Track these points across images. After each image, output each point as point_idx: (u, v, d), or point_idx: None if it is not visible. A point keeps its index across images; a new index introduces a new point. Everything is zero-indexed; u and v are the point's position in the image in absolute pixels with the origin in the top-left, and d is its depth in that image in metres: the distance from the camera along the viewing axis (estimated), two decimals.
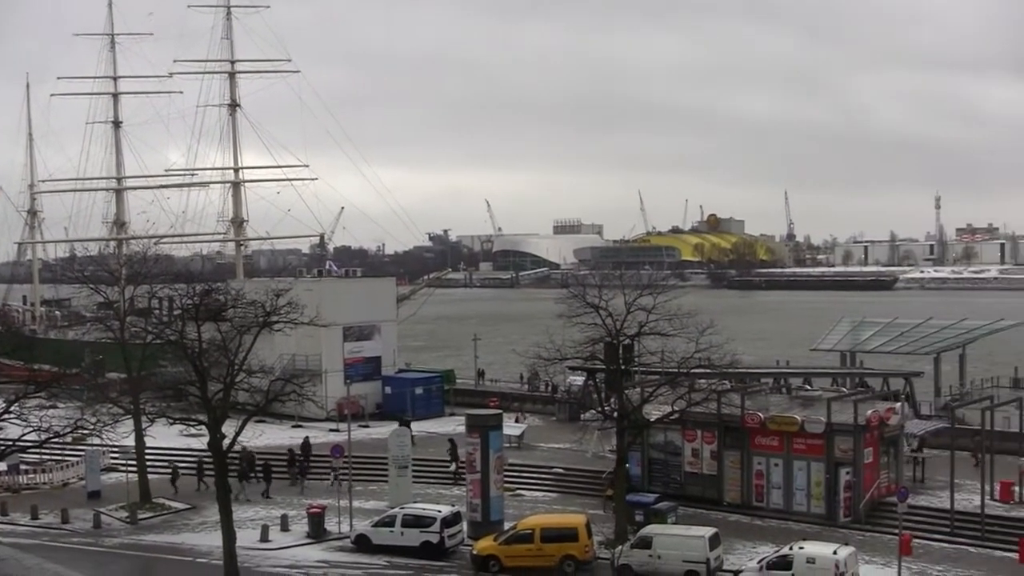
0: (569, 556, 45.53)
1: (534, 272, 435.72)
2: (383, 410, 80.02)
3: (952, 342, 77.31)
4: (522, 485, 60.43)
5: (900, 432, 55.70)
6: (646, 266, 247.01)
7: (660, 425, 55.08)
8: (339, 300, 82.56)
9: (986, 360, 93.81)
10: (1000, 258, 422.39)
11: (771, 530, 50.93)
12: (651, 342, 54.14)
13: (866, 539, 48.89)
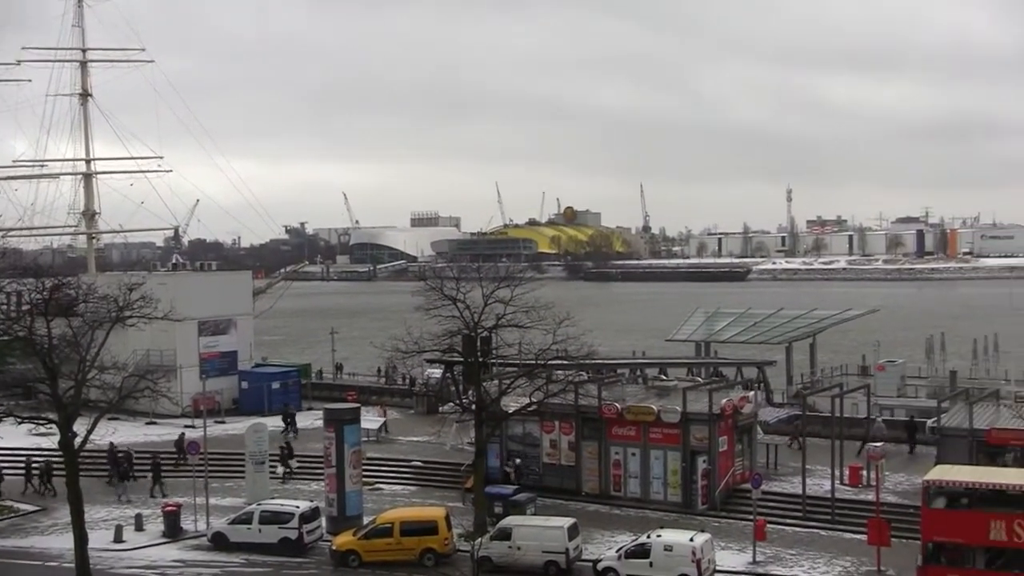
0: (429, 549, 45.46)
1: (392, 265, 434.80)
2: (240, 406, 78.98)
3: (803, 331, 79.02)
4: (381, 479, 60.12)
5: (754, 420, 56.82)
6: (503, 258, 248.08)
7: (518, 417, 55.27)
8: (194, 294, 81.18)
9: (835, 348, 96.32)
10: (848, 249, 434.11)
11: (629, 519, 51.45)
12: (509, 334, 54.38)
13: (722, 525, 49.72)
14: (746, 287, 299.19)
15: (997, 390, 57.12)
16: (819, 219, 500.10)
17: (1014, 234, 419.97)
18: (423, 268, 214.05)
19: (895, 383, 74.38)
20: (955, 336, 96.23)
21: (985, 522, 37.78)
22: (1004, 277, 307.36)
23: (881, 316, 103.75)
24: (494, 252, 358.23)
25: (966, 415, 48.56)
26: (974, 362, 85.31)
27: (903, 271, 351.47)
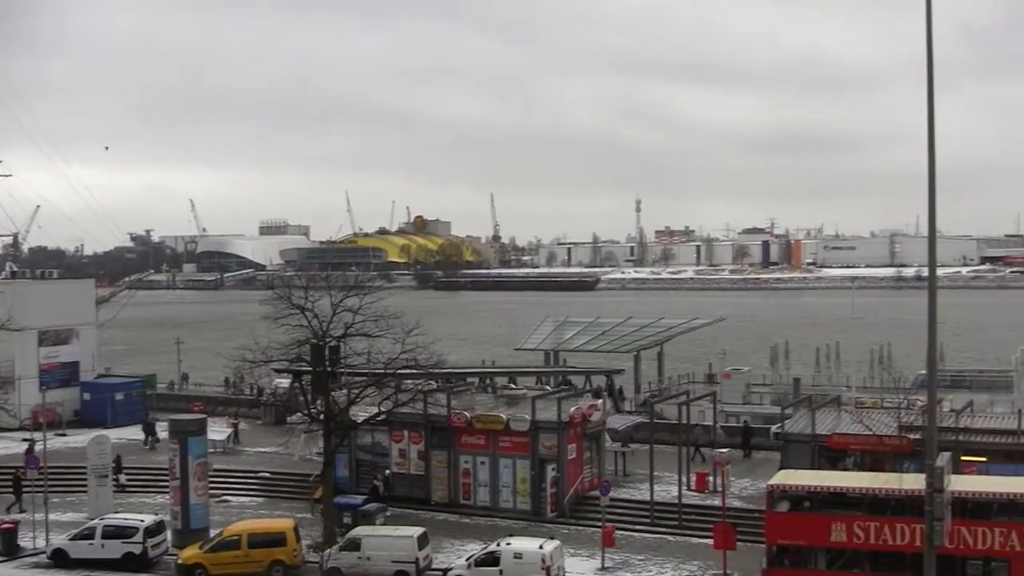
0: (277, 561, 44.78)
1: (239, 274, 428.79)
2: (82, 418, 76.98)
3: (651, 340, 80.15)
4: (229, 491, 59.16)
5: (602, 428, 57.31)
6: (353, 267, 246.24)
7: (367, 426, 54.87)
8: (33, 303, 78.71)
9: (683, 357, 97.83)
10: (696, 259, 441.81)
11: (479, 527, 51.41)
12: (357, 343, 53.90)
13: (571, 532, 49.97)
14: (595, 296, 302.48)
15: (838, 396, 58.56)
16: (667, 229, 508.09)
17: (855, 245, 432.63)
18: (271, 277, 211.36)
19: (740, 390, 75.91)
20: (799, 344, 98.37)
21: (827, 524, 38.67)
22: (846, 287, 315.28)
23: (727, 325, 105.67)
24: (343, 261, 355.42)
25: (808, 421, 49.69)
26: (817, 369, 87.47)
27: (749, 281, 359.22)
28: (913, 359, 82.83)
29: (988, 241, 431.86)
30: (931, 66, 28.01)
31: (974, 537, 36.90)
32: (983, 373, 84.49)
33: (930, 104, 28.18)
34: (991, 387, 75.86)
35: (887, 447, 46.36)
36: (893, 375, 61.46)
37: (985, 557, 37.14)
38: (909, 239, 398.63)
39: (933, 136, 28.29)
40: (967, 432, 47.11)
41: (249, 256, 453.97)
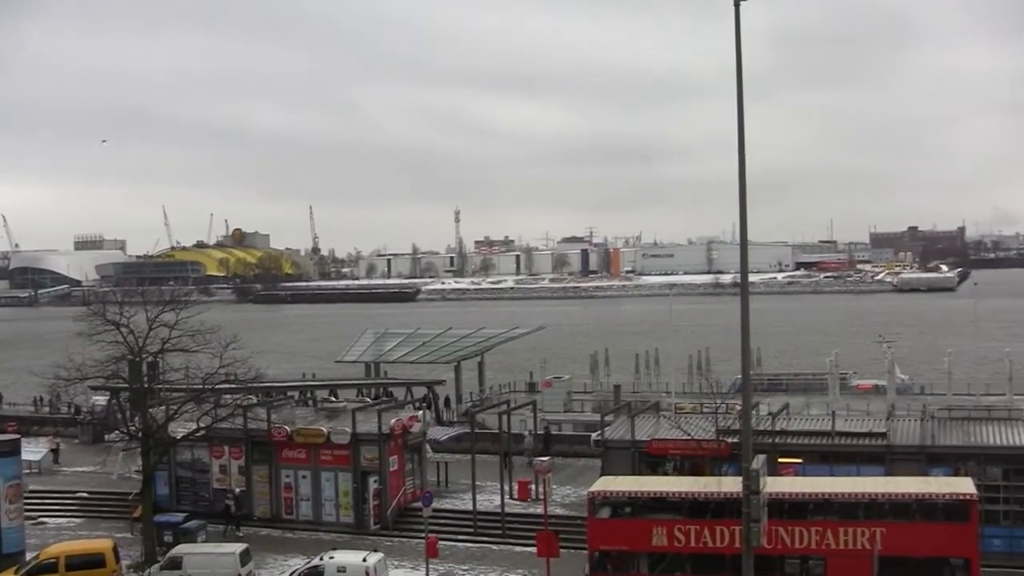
0: None
1: (54, 290, 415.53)
2: None
3: (471, 350, 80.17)
4: (45, 512, 57.18)
5: (423, 439, 57.02)
6: (170, 281, 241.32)
7: (186, 443, 53.63)
8: None
9: (504, 366, 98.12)
10: (516, 269, 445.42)
11: (302, 542, 50.65)
12: (175, 359, 52.84)
13: (395, 544, 49.60)
14: (416, 307, 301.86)
15: (657, 402, 59.35)
16: (487, 240, 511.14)
17: (674, 252, 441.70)
18: (87, 292, 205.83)
19: (562, 398, 76.42)
20: (619, 351, 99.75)
21: (648, 529, 39.11)
22: (664, 294, 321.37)
23: (548, 334, 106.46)
24: (161, 275, 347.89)
25: (628, 427, 50.17)
26: (637, 376, 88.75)
27: (569, 289, 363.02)
28: (731, 364, 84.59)
29: (803, 247, 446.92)
30: (740, 75, 28.47)
31: (792, 537, 37.76)
32: (799, 376, 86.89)
33: (740, 113, 28.64)
34: (807, 390, 78.05)
35: (705, 451, 47.06)
36: (710, 380, 62.49)
37: (803, 556, 38.06)
38: (726, 246, 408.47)
39: (743, 144, 28.76)
40: (783, 435, 48.03)
41: (64, 271, 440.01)
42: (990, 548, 42.11)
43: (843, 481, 40.94)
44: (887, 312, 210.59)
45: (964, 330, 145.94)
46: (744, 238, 30.15)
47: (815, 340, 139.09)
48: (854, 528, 37.63)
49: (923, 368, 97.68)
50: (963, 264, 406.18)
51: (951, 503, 37.90)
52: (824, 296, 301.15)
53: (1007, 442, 45.81)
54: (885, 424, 48.78)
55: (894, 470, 44.60)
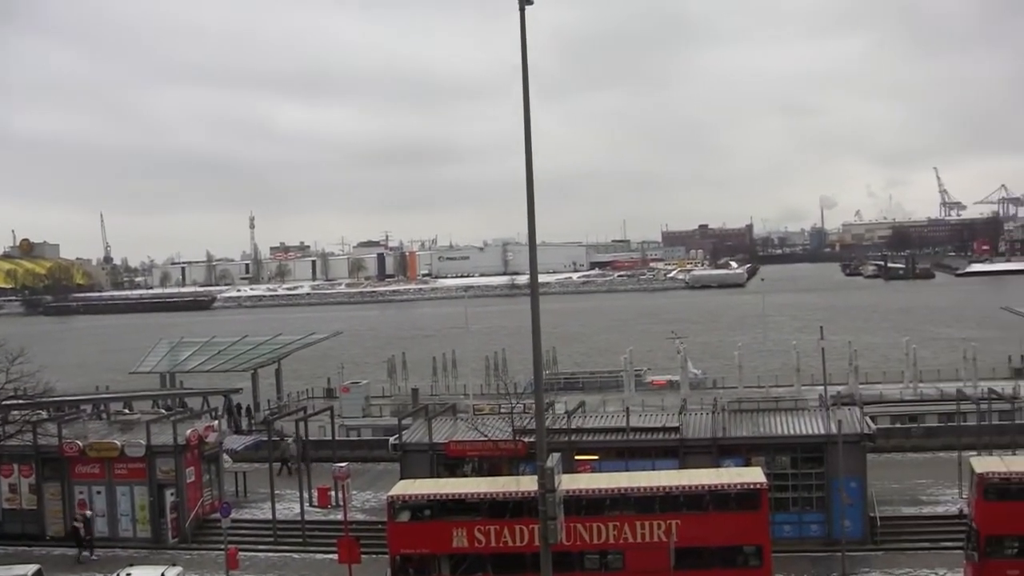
0: None
1: None
2: None
3: (268, 357, 79.12)
4: None
5: (220, 449, 55.97)
6: None
7: None
8: None
9: (301, 373, 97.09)
10: (312, 274, 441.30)
11: (99, 559, 49.06)
12: None
13: (195, 557, 48.46)
14: (211, 316, 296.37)
15: (455, 405, 59.51)
16: (283, 245, 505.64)
17: (469, 255, 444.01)
18: None
19: (360, 403, 76.11)
20: (416, 355, 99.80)
21: (448, 531, 39.11)
22: (460, 296, 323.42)
23: (345, 339, 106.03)
24: None
25: (426, 430, 50.17)
26: (434, 379, 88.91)
27: (366, 294, 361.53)
28: (528, 364, 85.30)
29: (597, 247, 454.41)
30: (526, 77, 28.68)
31: (590, 532, 38.28)
32: (595, 375, 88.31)
33: (526, 115, 28.87)
34: (603, 388, 79.45)
35: (503, 451, 47.41)
36: (507, 381, 63.05)
37: (601, 551, 38.57)
38: (521, 247, 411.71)
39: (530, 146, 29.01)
40: (579, 432, 48.76)
41: None
42: (781, 534, 43.55)
43: (639, 475, 41.59)
44: (680, 309, 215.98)
45: (753, 325, 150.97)
46: (532, 239, 30.38)
47: (610, 338, 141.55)
48: (650, 521, 38.31)
49: (715, 362, 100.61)
50: (752, 260, 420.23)
51: (742, 493, 38.87)
52: (618, 295, 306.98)
53: (795, 432, 47.38)
54: (678, 418, 49.87)
55: (688, 463, 45.62)
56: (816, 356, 60.36)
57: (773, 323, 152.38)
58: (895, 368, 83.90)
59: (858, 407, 51.82)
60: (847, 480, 44.67)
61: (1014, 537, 37.39)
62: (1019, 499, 37.63)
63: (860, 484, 45.73)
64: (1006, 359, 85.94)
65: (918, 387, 74.72)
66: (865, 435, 46.45)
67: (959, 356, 77.36)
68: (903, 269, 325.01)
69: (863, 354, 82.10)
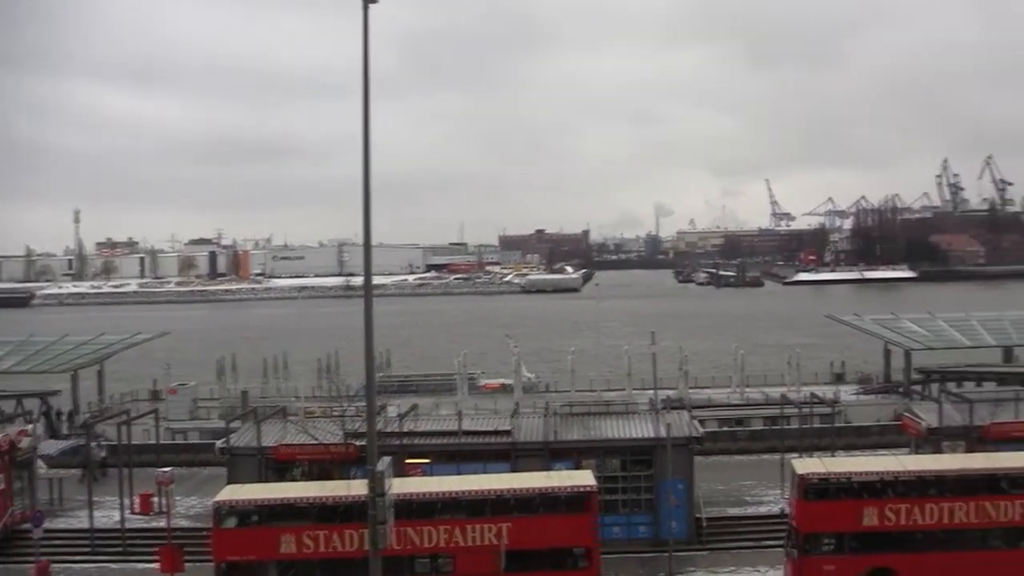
0: None
1: None
2: None
3: (90, 358, 76.65)
4: None
5: (34, 454, 53.72)
6: None
7: None
8: None
9: (126, 374, 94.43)
10: (140, 272, 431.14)
11: None
12: None
13: (0, 572, 46.55)
14: (30, 313, 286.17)
15: (285, 407, 58.39)
16: (110, 241, 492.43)
17: (304, 255, 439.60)
18: None
19: (187, 406, 74.42)
20: (247, 356, 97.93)
21: (276, 537, 38.35)
22: (294, 297, 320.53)
23: (173, 339, 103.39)
24: None
25: (255, 434, 49.06)
26: (265, 381, 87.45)
27: (196, 293, 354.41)
28: (361, 366, 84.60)
29: (434, 249, 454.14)
30: (367, 75, 28.13)
31: (420, 536, 38.01)
32: (429, 377, 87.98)
33: (366, 114, 28.31)
34: (437, 390, 79.16)
35: (333, 455, 46.76)
36: (339, 383, 62.22)
37: (432, 554, 38.33)
38: (357, 248, 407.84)
39: (369, 145, 28.44)
40: (411, 435, 48.37)
41: None
42: (610, 536, 43.99)
43: (470, 479, 41.57)
44: (515, 313, 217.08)
45: (587, 329, 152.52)
46: (368, 240, 29.78)
47: (444, 342, 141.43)
48: (481, 524, 38.30)
49: (548, 366, 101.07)
50: (587, 265, 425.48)
51: (572, 495, 39.12)
52: (454, 297, 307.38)
53: (624, 435, 48.00)
54: (510, 422, 49.91)
55: (519, 466, 45.70)
56: (647, 361, 60.89)
57: (606, 328, 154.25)
58: (723, 373, 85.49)
59: (687, 411, 52.59)
60: (675, 482, 45.53)
61: (831, 534, 39.08)
62: (837, 498, 39.41)
63: (687, 486, 46.52)
64: (828, 365, 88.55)
65: (745, 392, 76.41)
66: (693, 438, 47.32)
67: (784, 362, 79.11)
68: (734, 277, 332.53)
69: (693, 359, 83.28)
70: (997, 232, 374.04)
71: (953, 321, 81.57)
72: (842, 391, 75.57)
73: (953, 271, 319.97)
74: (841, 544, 38.97)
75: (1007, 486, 39.64)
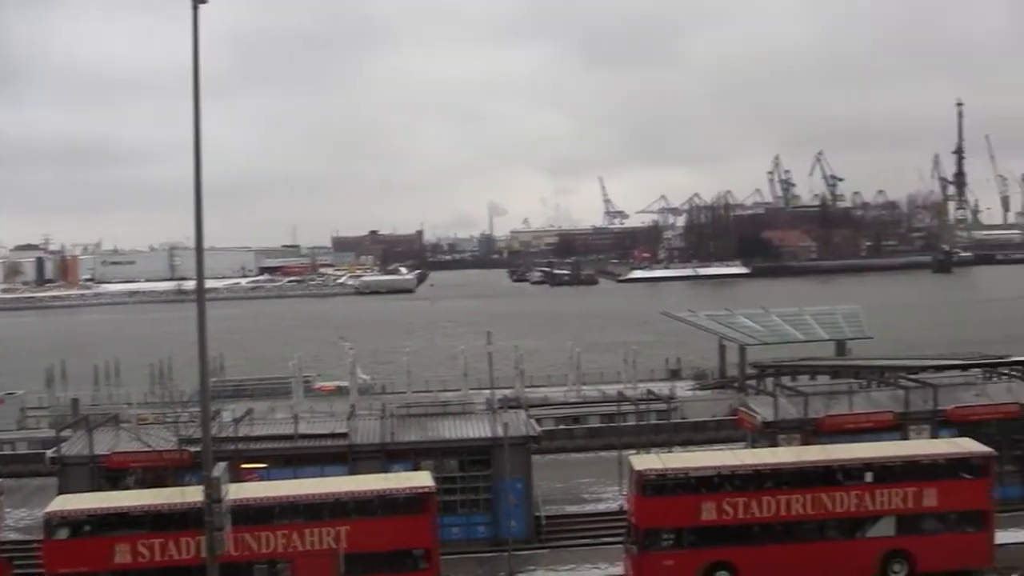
0: None
1: None
2: None
3: None
4: None
5: None
6: None
7: None
8: None
9: None
10: None
11: None
12: None
13: None
14: None
15: (117, 415, 57.31)
16: None
17: (135, 259, 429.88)
18: None
19: (14, 415, 72.67)
20: (77, 364, 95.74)
21: (109, 547, 37.77)
22: (125, 302, 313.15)
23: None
24: None
25: (86, 442, 48.08)
26: (96, 388, 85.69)
27: (23, 300, 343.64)
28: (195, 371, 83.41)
29: (267, 252, 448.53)
30: (196, 76, 27.99)
31: (258, 542, 37.80)
32: (264, 381, 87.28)
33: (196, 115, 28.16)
34: (272, 394, 78.62)
35: (167, 462, 46.01)
36: (171, 389, 61.36)
37: (270, 560, 38.13)
38: (189, 252, 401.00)
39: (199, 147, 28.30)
40: (247, 440, 47.96)
41: None
42: (449, 536, 44.17)
43: (307, 483, 41.42)
44: (349, 314, 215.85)
45: (422, 330, 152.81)
46: (200, 243, 29.63)
47: (279, 344, 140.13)
48: (320, 528, 38.26)
49: (384, 368, 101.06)
50: (422, 266, 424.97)
51: (410, 497, 39.32)
52: (288, 300, 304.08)
53: (462, 435, 48.38)
54: (346, 424, 49.81)
55: (357, 468, 45.73)
56: (483, 361, 61.38)
57: (441, 328, 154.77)
58: (559, 371, 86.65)
59: (524, 410, 53.07)
60: (513, 481, 45.97)
61: (670, 529, 39.73)
62: (674, 494, 40.13)
63: (525, 485, 47.02)
64: (664, 362, 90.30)
65: (581, 389, 77.48)
66: (530, 437, 47.89)
67: (620, 359, 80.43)
68: (568, 275, 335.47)
69: (529, 358, 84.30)
70: (828, 227, 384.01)
71: (786, 316, 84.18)
72: (678, 387, 77.17)
73: (786, 266, 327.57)
74: (680, 539, 39.64)
75: (842, 478, 40.85)
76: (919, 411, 50.40)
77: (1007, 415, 50.06)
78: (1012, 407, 50.33)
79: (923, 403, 50.84)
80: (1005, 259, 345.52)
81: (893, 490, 40.35)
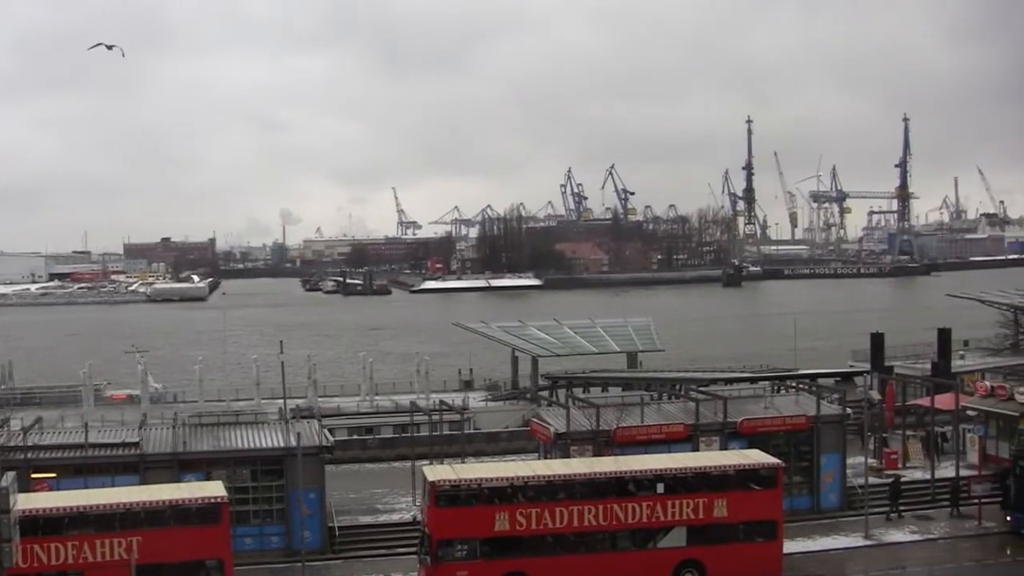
0: None
1: None
2: None
3: None
4: None
5: None
6: None
7: None
8: None
9: None
10: None
11: None
12: None
13: None
14: None
15: None
16: None
17: None
18: None
19: None
20: None
21: None
22: None
23: None
24: None
25: None
26: None
27: None
28: None
29: (57, 258, 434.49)
30: None
31: (48, 553, 37.13)
32: (53, 389, 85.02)
33: None
34: (62, 402, 76.65)
35: None
36: None
37: (61, 572, 37.46)
38: None
39: None
40: (36, 449, 46.95)
41: None
42: (242, 547, 44.22)
43: (98, 493, 40.73)
44: (142, 322, 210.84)
45: (214, 339, 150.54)
46: None
47: (69, 352, 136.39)
48: (111, 539, 37.72)
49: (177, 377, 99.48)
50: (214, 274, 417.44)
51: (203, 507, 39.13)
52: (79, 307, 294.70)
53: (254, 445, 48.24)
54: (138, 433, 49.18)
55: (149, 478, 45.19)
56: (276, 370, 61.39)
57: (234, 337, 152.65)
58: (352, 381, 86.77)
59: (317, 420, 53.34)
60: (306, 492, 46.05)
61: (464, 540, 40.08)
62: (468, 505, 40.69)
63: (319, 495, 47.24)
64: (456, 372, 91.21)
65: (374, 400, 77.75)
66: (323, 447, 48.04)
67: (413, 369, 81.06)
68: (361, 285, 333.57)
69: (322, 368, 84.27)
70: (620, 240, 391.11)
71: (579, 328, 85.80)
72: (471, 398, 77.75)
73: (578, 279, 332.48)
74: (474, 550, 40.00)
75: (634, 488, 41.89)
76: (710, 423, 51.89)
77: (795, 427, 52.15)
78: (800, 419, 52.36)
79: (714, 415, 52.39)
80: (792, 274, 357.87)
81: (684, 501, 41.55)
